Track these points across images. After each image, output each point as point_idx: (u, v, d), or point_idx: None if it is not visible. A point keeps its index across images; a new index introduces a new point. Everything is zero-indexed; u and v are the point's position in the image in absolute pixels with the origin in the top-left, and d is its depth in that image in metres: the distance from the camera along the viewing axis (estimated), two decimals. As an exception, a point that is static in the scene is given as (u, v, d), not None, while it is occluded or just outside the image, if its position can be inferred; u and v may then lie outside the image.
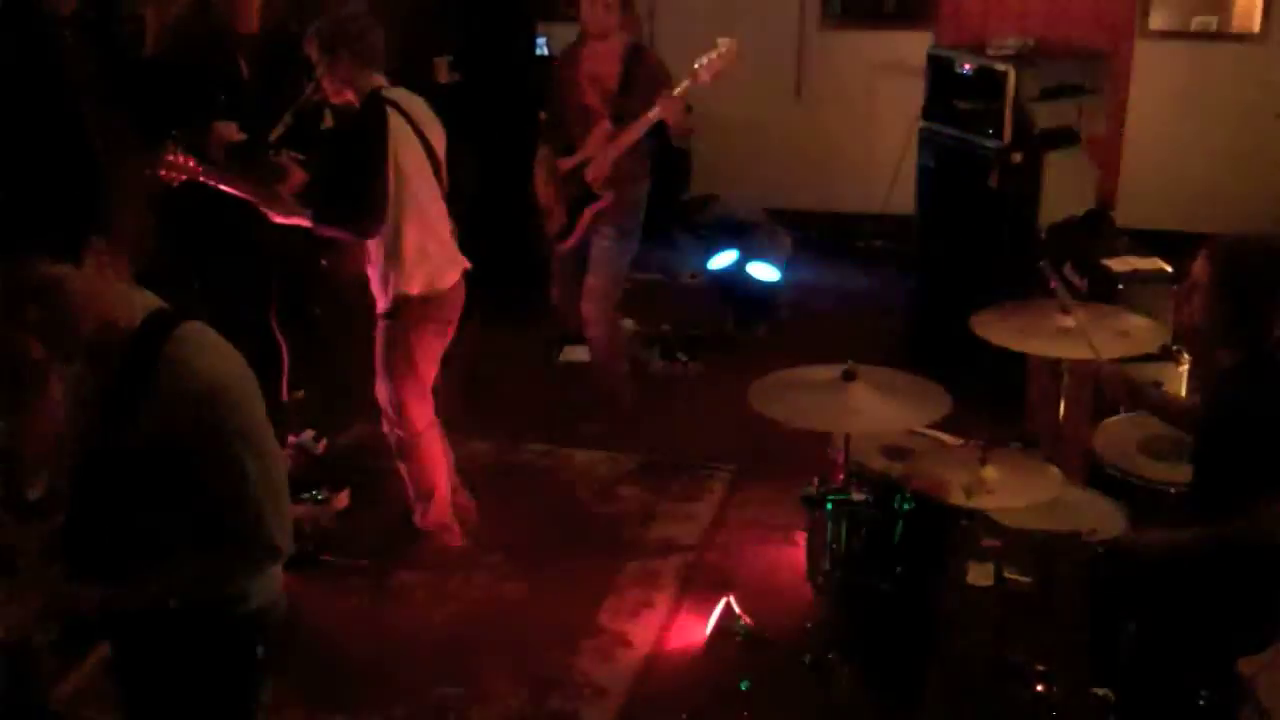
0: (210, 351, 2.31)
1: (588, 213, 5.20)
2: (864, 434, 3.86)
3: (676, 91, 4.99)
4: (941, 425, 3.74)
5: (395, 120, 4.12)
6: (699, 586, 4.39)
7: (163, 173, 4.15)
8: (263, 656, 2.52)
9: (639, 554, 4.59)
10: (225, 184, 4.23)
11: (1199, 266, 3.20)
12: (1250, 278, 3.11)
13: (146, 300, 2.36)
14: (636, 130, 5.08)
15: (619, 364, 5.51)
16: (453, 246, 4.36)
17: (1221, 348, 3.23)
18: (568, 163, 5.23)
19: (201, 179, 4.21)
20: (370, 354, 4.40)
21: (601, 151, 5.14)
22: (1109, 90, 5.76)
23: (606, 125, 5.15)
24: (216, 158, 4.92)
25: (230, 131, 4.97)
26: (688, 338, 6.38)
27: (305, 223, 4.21)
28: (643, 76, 5.11)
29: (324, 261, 5.98)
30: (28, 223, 2.20)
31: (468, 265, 4.39)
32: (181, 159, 4.16)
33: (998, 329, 3.95)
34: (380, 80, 4.18)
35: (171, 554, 2.35)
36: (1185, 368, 4.50)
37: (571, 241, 5.30)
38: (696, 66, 4.97)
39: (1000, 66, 5.52)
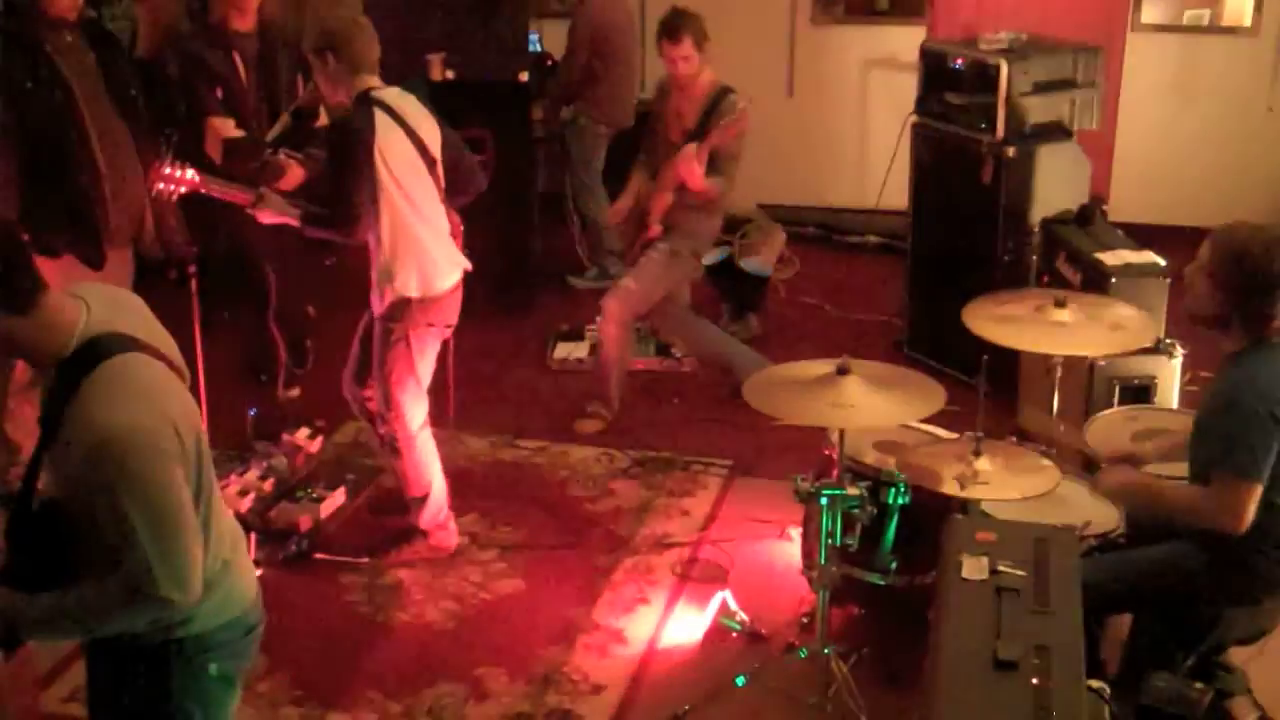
0: (114, 398, 2.27)
1: (640, 240, 5.41)
2: (858, 429, 3.87)
3: (693, 149, 5.05)
4: (935, 420, 3.76)
5: (383, 121, 4.08)
6: (695, 582, 4.39)
7: (159, 186, 4.12)
8: (217, 674, 2.52)
9: (634, 550, 4.60)
10: (215, 191, 4.21)
11: (1203, 254, 3.24)
12: (1252, 265, 3.15)
13: (91, 328, 2.34)
14: (674, 179, 5.18)
15: (617, 368, 5.50)
16: (452, 248, 4.34)
17: (1224, 334, 3.29)
18: (648, 192, 5.41)
19: (201, 190, 4.17)
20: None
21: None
22: (1101, 84, 5.77)
23: None
24: (213, 155, 4.92)
25: (227, 128, 4.97)
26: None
27: (293, 223, 4.19)
28: (718, 122, 5.12)
29: (328, 262, 5.99)
30: None
31: (468, 266, 4.38)
32: (177, 171, 4.11)
33: (991, 325, 3.97)
34: (372, 81, 4.16)
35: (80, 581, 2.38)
36: (1178, 361, 4.51)
37: (629, 263, 5.55)
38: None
39: (993, 60, 5.52)
